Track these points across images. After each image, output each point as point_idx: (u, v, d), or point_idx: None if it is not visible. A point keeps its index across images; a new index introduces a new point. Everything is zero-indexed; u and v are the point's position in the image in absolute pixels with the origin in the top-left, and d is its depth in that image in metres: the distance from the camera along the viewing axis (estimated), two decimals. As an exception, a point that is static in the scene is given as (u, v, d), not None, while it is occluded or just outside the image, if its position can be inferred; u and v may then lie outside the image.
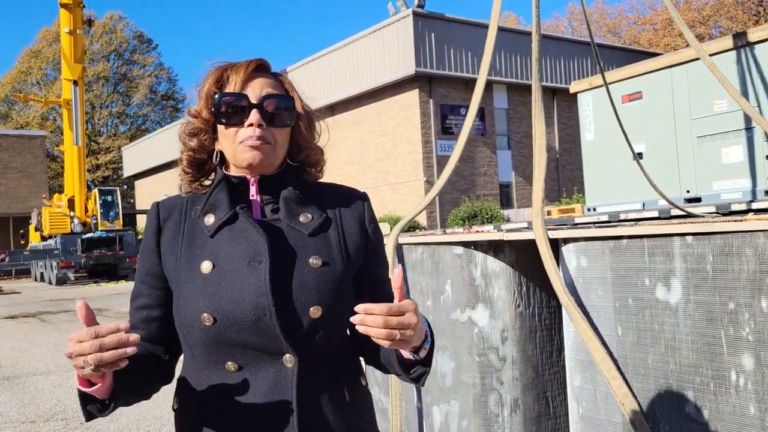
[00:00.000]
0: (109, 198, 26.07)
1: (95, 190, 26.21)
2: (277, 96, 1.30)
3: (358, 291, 1.34)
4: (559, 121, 25.18)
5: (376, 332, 1.07)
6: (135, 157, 42.55)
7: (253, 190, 1.32)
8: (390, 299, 1.26)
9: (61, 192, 27.85)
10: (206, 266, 1.24)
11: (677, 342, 2.10)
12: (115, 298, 16.82)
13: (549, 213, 8.11)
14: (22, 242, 30.68)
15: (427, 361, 1.23)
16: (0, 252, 23.05)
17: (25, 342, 9.73)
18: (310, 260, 1.25)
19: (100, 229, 25.02)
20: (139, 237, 33.20)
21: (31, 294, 20.42)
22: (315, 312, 1.21)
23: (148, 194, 41.30)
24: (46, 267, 25.07)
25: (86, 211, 25.19)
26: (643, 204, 6.53)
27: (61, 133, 31.89)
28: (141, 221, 38.82)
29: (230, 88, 1.29)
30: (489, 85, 22.43)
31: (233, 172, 1.33)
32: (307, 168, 1.38)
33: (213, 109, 1.29)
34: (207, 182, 1.38)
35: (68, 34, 23.35)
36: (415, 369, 1.24)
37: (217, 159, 1.33)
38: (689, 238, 2.06)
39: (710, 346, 2.02)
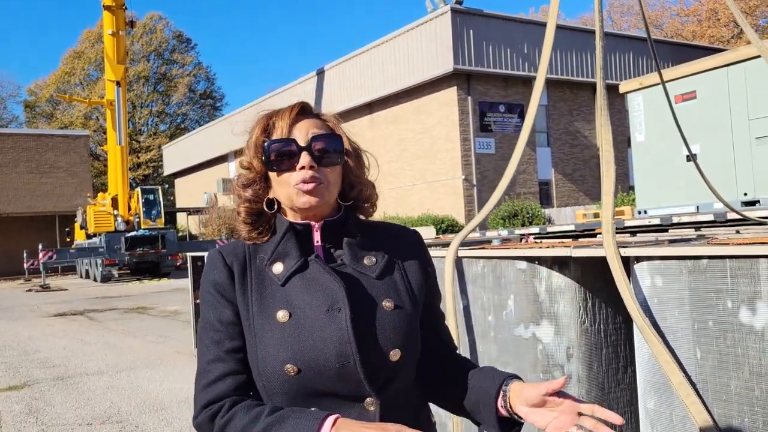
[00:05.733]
0: (151, 197, 26.56)
1: (138, 189, 26.73)
2: (325, 136, 1.32)
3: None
4: (599, 117, 24.70)
5: None
6: (175, 155, 43.20)
7: (317, 236, 1.34)
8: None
9: (104, 191, 28.47)
10: (282, 315, 1.25)
11: (763, 368, 2.01)
12: (159, 296, 17.14)
13: (596, 215, 7.95)
14: (68, 240, 31.52)
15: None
16: (47, 250, 23.57)
17: (75, 341, 9.96)
18: (384, 303, 1.28)
19: (142, 227, 25.52)
20: (180, 234, 33.68)
21: (77, 291, 20.95)
22: (395, 355, 1.26)
23: (187, 193, 41.97)
24: (92, 264, 25.68)
25: (129, 209, 25.71)
26: (697, 207, 6.35)
27: (104, 133, 32.67)
28: (181, 219, 39.46)
29: (277, 134, 1.31)
30: (527, 81, 22.13)
31: (290, 217, 1.35)
32: (361, 204, 1.40)
33: (263, 158, 1.31)
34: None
35: (111, 36, 23.80)
36: (512, 427, 1.29)
37: (275, 207, 1.35)
38: (777, 261, 1.97)
39: (800, 374, 1.93)
